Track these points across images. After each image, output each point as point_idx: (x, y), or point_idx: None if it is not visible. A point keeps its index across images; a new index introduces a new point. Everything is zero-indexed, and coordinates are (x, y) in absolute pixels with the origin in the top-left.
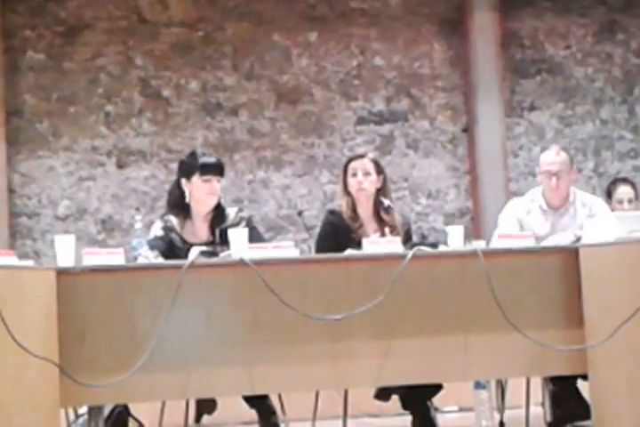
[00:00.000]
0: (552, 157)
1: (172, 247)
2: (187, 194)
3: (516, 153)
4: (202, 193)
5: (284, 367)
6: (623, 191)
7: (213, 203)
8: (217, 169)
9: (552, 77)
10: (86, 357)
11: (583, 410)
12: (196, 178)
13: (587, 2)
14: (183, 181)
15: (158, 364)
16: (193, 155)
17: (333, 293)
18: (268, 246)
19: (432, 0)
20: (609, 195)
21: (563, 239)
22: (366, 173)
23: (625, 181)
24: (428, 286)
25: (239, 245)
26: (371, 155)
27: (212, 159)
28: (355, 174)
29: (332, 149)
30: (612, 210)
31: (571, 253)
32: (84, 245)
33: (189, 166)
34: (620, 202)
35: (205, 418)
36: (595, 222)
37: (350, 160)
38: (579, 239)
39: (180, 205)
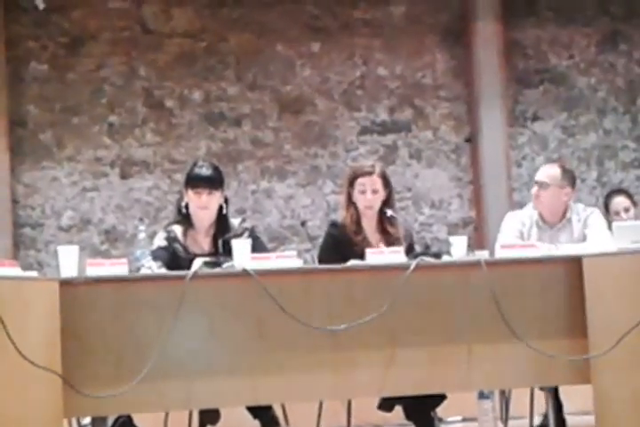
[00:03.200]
0: (544, 169)
1: (175, 258)
2: (183, 204)
3: (520, 163)
4: (193, 206)
5: (287, 378)
6: (618, 202)
7: (206, 216)
8: (207, 182)
9: (555, 87)
10: (89, 367)
11: (561, 420)
12: (189, 190)
13: (590, 12)
14: (184, 191)
15: (162, 374)
16: (193, 166)
17: (337, 303)
18: (271, 257)
19: (435, 10)
20: (606, 208)
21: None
22: (375, 191)
23: (619, 191)
24: (431, 296)
25: (242, 255)
26: (378, 169)
27: (203, 171)
28: (363, 192)
29: (335, 160)
30: (611, 221)
31: (574, 264)
32: (88, 256)
33: (186, 177)
34: (617, 213)
35: None
36: (590, 234)
37: (358, 175)
38: None
39: (183, 216)
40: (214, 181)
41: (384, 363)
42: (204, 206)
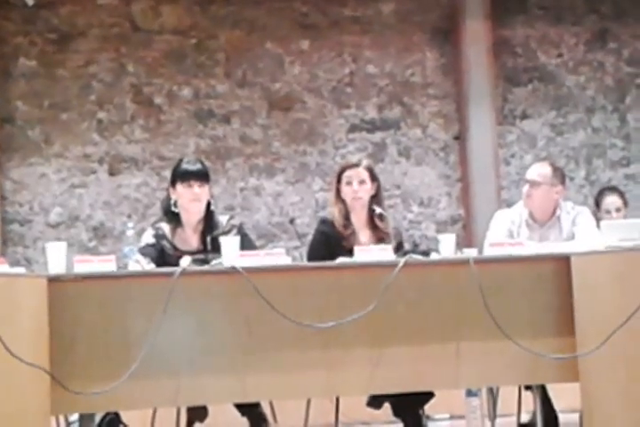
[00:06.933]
0: (534, 168)
1: (163, 255)
2: (172, 202)
3: (508, 161)
4: (185, 200)
5: (275, 375)
6: (610, 201)
7: (198, 209)
8: (198, 174)
9: (544, 85)
10: (77, 364)
11: (553, 418)
12: (178, 185)
13: (579, 10)
14: (171, 189)
15: (150, 371)
16: (179, 162)
17: (325, 300)
18: (259, 254)
19: (424, 8)
20: (597, 205)
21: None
22: (361, 182)
23: (611, 189)
24: (419, 293)
25: (231, 252)
26: (365, 162)
27: (193, 165)
28: (350, 183)
29: (324, 157)
30: (601, 219)
31: (562, 262)
32: (76, 253)
33: (173, 174)
34: (608, 212)
35: (196, 426)
36: (578, 232)
37: (345, 168)
38: None
39: (171, 213)
40: (204, 174)
41: (372, 360)
42: (196, 198)
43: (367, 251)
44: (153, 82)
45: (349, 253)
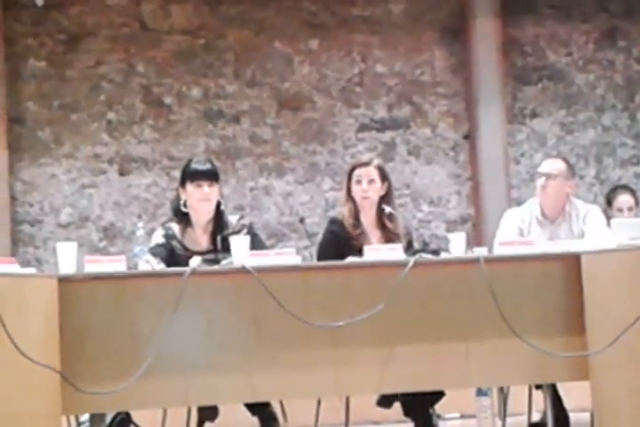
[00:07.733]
0: (548, 162)
1: (173, 255)
2: (182, 202)
3: (518, 160)
4: (194, 200)
5: (285, 374)
6: (622, 200)
7: (207, 209)
8: (208, 174)
9: (553, 84)
10: (88, 364)
11: (564, 417)
12: (188, 185)
13: (588, 8)
14: (180, 189)
15: (160, 371)
16: (188, 162)
17: (335, 300)
18: (269, 254)
19: (434, 7)
20: (609, 203)
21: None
22: (371, 181)
23: (624, 188)
24: (429, 293)
25: (241, 252)
26: (376, 162)
27: (202, 165)
28: (359, 182)
29: (333, 157)
30: (612, 217)
31: (572, 260)
32: (86, 253)
33: (183, 174)
34: (620, 210)
35: (207, 425)
36: (588, 230)
37: (355, 167)
38: None
39: (180, 213)
40: (213, 174)
41: (382, 360)
42: (206, 198)
43: (377, 250)
44: (162, 82)
45: (359, 252)
